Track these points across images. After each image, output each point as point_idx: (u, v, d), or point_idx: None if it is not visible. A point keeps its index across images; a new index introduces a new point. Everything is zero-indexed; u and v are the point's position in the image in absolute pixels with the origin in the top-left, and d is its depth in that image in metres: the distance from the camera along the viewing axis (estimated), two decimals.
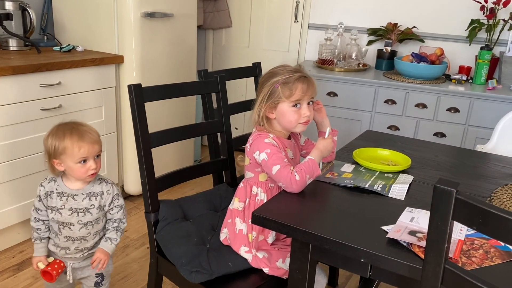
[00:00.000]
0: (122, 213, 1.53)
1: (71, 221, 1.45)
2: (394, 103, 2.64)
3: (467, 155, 1.74)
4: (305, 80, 1.39)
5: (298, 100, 1.38)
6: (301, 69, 1.43)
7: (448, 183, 0.80)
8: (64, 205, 1.44)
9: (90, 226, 1.48)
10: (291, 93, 1.37)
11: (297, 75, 1.39)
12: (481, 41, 2.76)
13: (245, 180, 1.49)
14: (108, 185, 1.50)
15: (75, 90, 2.31)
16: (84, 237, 1.49)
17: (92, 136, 1.40)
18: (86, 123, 1.45)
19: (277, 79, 1.39)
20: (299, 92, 1.37)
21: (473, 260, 1.00)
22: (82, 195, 1.45)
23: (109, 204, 1.49)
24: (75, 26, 2.62)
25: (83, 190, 1.45)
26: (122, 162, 2.69)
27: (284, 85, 1.38)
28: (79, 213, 1.45)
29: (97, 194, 1.47)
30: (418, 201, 1.28)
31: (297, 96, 1.38)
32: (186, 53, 2.85)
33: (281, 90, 1.38)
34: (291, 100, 1.38)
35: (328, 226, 1.15)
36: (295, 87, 1.37)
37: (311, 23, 3.26)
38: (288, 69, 1.41)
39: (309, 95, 1.40)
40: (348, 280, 2.15)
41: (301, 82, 1.38)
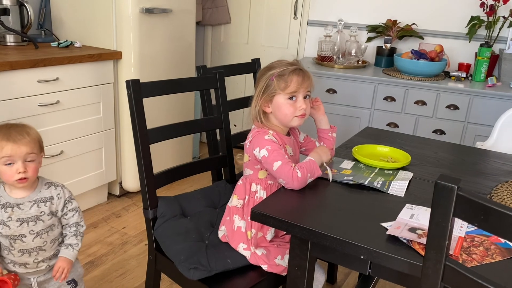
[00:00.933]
0: (78, 216, 1.44)
1: (21, 232, 1.34)
2: (393, 100, 2.63)
3: (466, 152, 1.73)
4: (300, 73, 1.39)
5: (293, 92, 1.38)
6: (297, 63, 1.43)
7: (449, 179, 0.79)
8: (11, 216, 1.33)
9: (45, 234, 1.38)
10: (286, 85, 1.37)
11: (293, 67, 1.39)
12: (480, 38, 2.75)
13: (244, 177, 1.48)
14: (57, 188, 1.40)
15: (73, 86, 2.29)
16: (41, 247, 1.39)
17: (21, 137, 1.29)
18: (30, 126, 1.36)
19: (272, 72, 1.39)
20: (295, 84, 1.37)
21: (473, 257, 0.99)
22: (29, 203, 1.35)
23: (62, 208, 1.40)
24: (73, 21, 2.60)
25: (29, 198, 1.35)
26: (120, 158, 2.68)
27: (280, 78, 1.38)
28: (29, 223, 1.34)
29: (46, 199, 1.37)
30: (418, 197, 1.28)
31: (293, 88, 1.37)
32: (184, 49, 2.84)
33: (276, 82, 1.38)
34: (287, 92, 1.38)
35: (327, 222, 1.14)
36: (290, 79, 1.37)
37: (310, 19, 3.25)
38: (284, 63, 1.42)
39: (304, 87, 1.39)
40: (346, 277, 2.14)
41: (296, 75, 1.38)
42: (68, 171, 2.38)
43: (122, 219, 2.53)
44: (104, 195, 2.71)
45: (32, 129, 1.36)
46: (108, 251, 2.23)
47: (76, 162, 2.41)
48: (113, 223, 2.48)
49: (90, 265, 2.10)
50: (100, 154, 2.54)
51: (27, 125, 1.36)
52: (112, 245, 2.28)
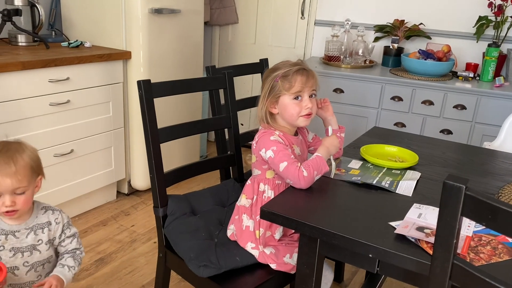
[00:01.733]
0: (77, 242, 1.30)
1: (14, 263, 1.20)
2: (400, 100, 2.63)
3: (474, 152, 1.74)
4: (304, 72, 1.40)
5: (298, 92, 1.39)
6: (302, 63, 1.44)
7: (457, 179, 0.80)
8: (4, 245, 1.19)
9: (40, 267, 1.24)
10: (290, 86, 1.38)
11: (296, 67, 1.40)
12: (488, 38, 2.75)
13: (253, 177, 1.50)
14: (55, 213, 1.27)
15: (83, 86, 2.32)
16: (34, 282, 1.24)
17: (7, 166, 1.12)
18: (24, 148, 1.18)
19: (277, 73, 1.41)
20: (299, 84, 1.38)
21: (481, 256, 1.00)
22: (26, 230, 1.21)
23: (60, 235, 1.26)
24: (83, 22, 2.63)
25: (25, 224, 1.21)
26: (129, 157, 2.71)
27: (284, 78, 1.39)
28: (23, 253, 1.20)
29: (44, 225, 1.24)
30: (425, 197, 1.29)
31: (297, 88, 1.39)
32: (192, 49, 2.86)
33: (281, 83, 1.39)
34: (292, 93, 1.39)
35: (336, 221, 1.15)
36: (295, 79, 1.38)
37: (317, 19, 3.26)
38: (288, 63, 1.43)
39: (309, 86, 1.40)
40: (353, 276, 2.15)
41: (300, 74, 1.39)
42: (78, 169, 2.41)
43: (131, 217, 2.56)
44: (113, 193, 2.74)
45: (25, 152, 1.17)
46: (117, 248, 2.25)
47: (86, 160, 2.44)
48: (122, 221, 2.51)
49: (99, 263, 2.13)
50: (110, 153, 2.57)
51: (20, 145, 1.18)
52: (121, 243, 2.30)
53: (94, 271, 2.06)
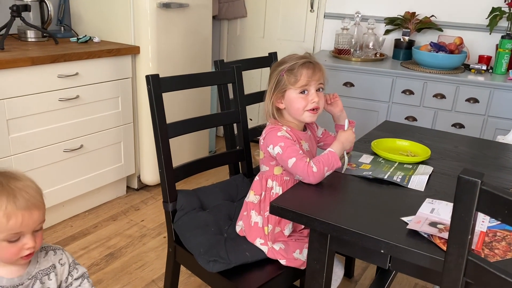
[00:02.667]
0: (88, 283, 1.09)
1: None
2: (412, 93, 2.60)
3: (487, 146, 1.70)
4: (310, 65, 1.37)
5: (304, 86, 1.36)
6: (309, 56, 1.40)
7: (472, 173, 0.78)
8: None
9: None
10: (296, 80, 1.36)
11: (302, 61, 1.37)
12: (502, 30, 2.70)
13: (261, 174, 1.49)
14: (57, 252, 1.05)
15: (92, 81, 2.32)
16: None
17: (29, 197, 0.91)
18: (22, 175, 0.95)
19: (283, 67, 1.38)
20: (305, 78, 1.36)
21: (495, 252, 0.98)
22: (29, 281, 0.99)
23: (66, 278, 1.06)
24: (92, 17, 2.63)
25: (27, 274, 0.99)
26: (139, 152, 2.71)
27: (290, 72, 1.36)
28: None
29: (49, 270, 1.02)
30: (438, 192, 1.27)
31: (303, 81, 1.36)
32: (201, 44, 2.85)
33: (286, 77, 1.37)
34: (297, 87, 1.36)
35: (347, 216, 1.14)
36: (300, 73, 1.35)
37: (327, 12, 3.22)
38: (294, 57, 1.40)
39: (315, 80, 1.37)
40: (364, 271, 2.14)
41: (306, 68, 1.36)
42: (88, 165, 2.42)
43: (140, 212, 2.56)
44: (123, 188, 2.75)
45: (31, 181, 0.96)
46: (127, 243, 2.26)
47: (95, 156, 2.45)
48: (132, 216, 2.52)
49: (109, 257, 2.14)
50: (119, 148, 2.57)
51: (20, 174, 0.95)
52: (131, 238, 2.31)
53: (104, 266, 2.07)
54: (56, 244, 1.24)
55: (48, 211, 2.41)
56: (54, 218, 2.38)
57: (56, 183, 2.28)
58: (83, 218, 2.48)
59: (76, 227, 2.38)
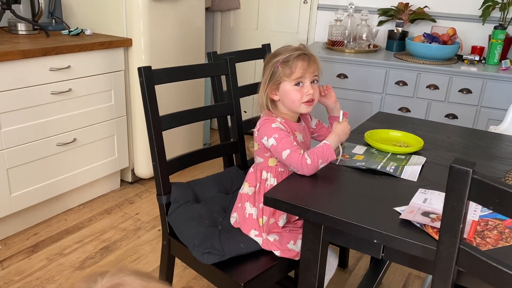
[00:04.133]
0: None
1: None
2: (405, 84, 2.60)
3: (480, 136, 1.71)
4: (305, 58, 1.36)
5: (299, 78, 1.36)
6: (303, 48, 1.40)
7: (464, 163, 0.79)
8: None
9: None
10: (291, 72, 1.36)
11: (297, 53, 1.36)
12: (494, 21, 2.70)
13: (255, 165, 1.49)
14: None
15: (85, 74, 2.31)
16: None
17: None
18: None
19: (277, 59, 1.38)
20: (300, 70, 1.35)
21: (487, 241, 0.99)
22: None
23: None
24: (83, 9, 2.60)
25: None
26: (132, 145, 2.70)
27: (285, 64, 1.36)
28: None
29: None
30: (431, 182, 1.27)
31: (298, 74, 1.36)
32: (194, 36, 2.83)
33: (281, 69, 1.36)
34: (292, 79, 1.36)
35: (340, 207, 1.14)
36: (295, 65, 1.35)
37: (320, 3, 3.21)
38: (289, 48, 1.39)
39: (310, 72, 1.37)
40: (358, 261, 2.15)
41: (301, 60, 1.36)
42: (81, 158, 2.41)
43: (135, 205, 2.56)
44: (117, 181, 2.75)
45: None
46: (122, 236, 2.26)
47: (89, 149, 2.43)
48: (126, 209, 2.52)
49: (104, 251, 2.14)
50: (112, 141, 2.56)
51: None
52: (126, 231, 2.31)
53: (99, 259, 2.07)
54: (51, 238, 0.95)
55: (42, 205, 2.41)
56: (48, 212, 2.37)
57: (50, 177, 2.27)
58: (77, 212, 2.47)
59: (71, 221, 2.37)
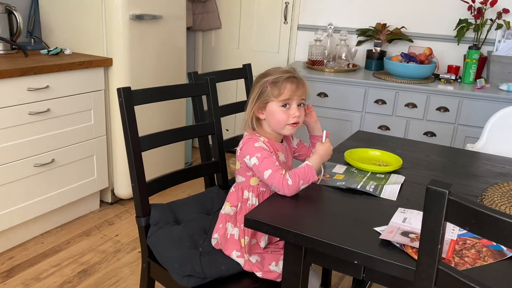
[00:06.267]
0: None
1: None
2: (384, 103, 2.65)
3: (457, 155, 1.74)
4: (294, 81, 1.39)
5: (287, 99, 1.38)
6: (293, 71, 1.43)
7: (440, 184, 0.79)
8: None
9: None
10: (279, 93, 1.38)
11: (287, 75, 1.39)
12: (469, 41, 2.78)
13: (237, 185, 1.48)
14: None
15: (64, 94, 2.28)
16: None
17: None
18: None
19: (267, 79, 1.40)
20: (288, 92, 1.38)
21: (465, 260, 1.00)
22: None
23: None
24: (63, 29, 2.59)
25: None
26: (112, 165, 2.67)
27: (274, 85, 1.38)
28: None
29: None
30: (410, 201, 1.29)
31: (286, 95, 1.38)
32: (175, 55, 2.83)
33: (270, 89, 1.38)
34: (280, 100, 1.38)
35: (320, 228, 1.14)
36: (284, 86, 1.38)
37: (300, 24, 3.26)
38: (279, 70, 1.43)
39: (298, 95, 1.39)
40: (341, 280, 2.15)
41: (290, 82, 1.38)
42: (60, 179, 2.36)
43: (115, 227, 2.51)
44: (96, 202, 2.70)
45: None
46: (101, 259, 2.21)
47: (67, 170, 2.39)
48: (105, 231, 2.47)
49: (82, 274, 2.08)
50: (92, 161, 2.52)
51: None
52: (105, 253, 2.26)
53: (77, 283, 2.02)
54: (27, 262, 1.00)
55: (18, 228, 2.34)
56: (24, 235, 2.30)
57: (27, 199, 2.22)
58: (55, 234, 2.41)
59: (48, 244, 2.31)
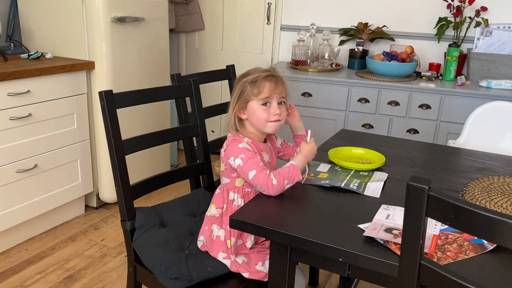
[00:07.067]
0: None
1: None
2: (367, 101, 2.67)
3: (439, 151, 1.77)
4: (273, 79, 1.41)
5: (266, 98, 1.39)
6: (272, 70, 1.45)
7: (420, 180, 0.81)
8: None
9: None
10: (259, 91, 1.39)
11: (266, 74, 1.41)
12: (449, 39, 2.83)
13: (222, 186, 1.48)
14: None
15: (45, 98, 2.25)
16: None
17: None
18: None
19: (246, 78, 1.42)
20: (267, 90, 1.39)
21: (447, 255, 1.02)
22: None
23: None
24: (43, 32, 2.56)
25: None
26: (97, 169, 2.64)
27: (253, 84, 1.40)
28: None
29: None
30: (393, 198, 1.30)
31: (265, 94, 1.39)
32: (159, 57, 2.82)
33: (249, 88, 1.40)
34: (260, 98, 1.39)
35: (306, 227, 1.15)
36: (263, 85, 1.39)
37: (283, 24, 3.27)
38: (258, 70, 1.44)
39: (278, 93, 1.41)
40: (328, 278, 2.16)
41: (269, 81, 1.40)
42: (43, 185, 2.33)
43: (100, 231, 2.49)
44: (81, 207, 2.67)
45: None
46: (87, 264, 2.19)
47: (51, 175, 2.36)
48: (91, 236, 2.44)
49: (68, 280, 2.06)
50: (76, 166, 2.50)
51: None
52: (91, 258, 2.24)
53: None
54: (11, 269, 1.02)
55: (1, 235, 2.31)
56: (8, 242, 2.27)
57: (10, 205, 2.18)
58: (39, 240, 2.38)
59: (32, 250, 2.28)
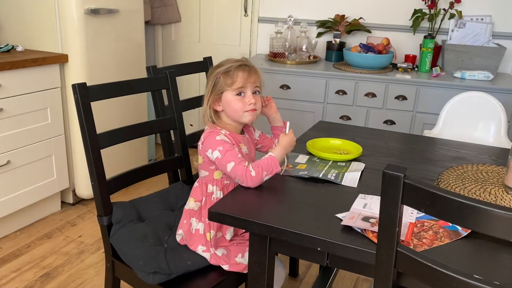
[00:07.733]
0: None
1: None
2: (344, 93, 2.69)
3: (415, 141, 1.80)
4: (246, 68, 1.40)
5: (240, 87, 1.39)
6: (245, 60, 1.44)
7: (396, 168, 0.82)
8: None
9: None
10: (232, 81, 1.38)
11: (238, 63, 1.40)
12: (424, 31, 2.87)
13: (200, 179, 1.47)
14: None
15: (17, 92, 2.19)
16: None
17: None
18: None
19: (219, 70, 1.41)
20: (241, 80, 1.38)
21: (423, 242, 1.03)
22: None
23: None
24: (13, 24, 2.48)
25: None
26: (73, 165, 2.59)
27: (226, 74, 1.39)
28: None
29: None
30: (370, 187, 1.32)
31: (239, 83, 1.38)
32: (134, 50, 2.77)
33: (223, 79, 1.39)
34: (234, 88, 1.39)
35: (284, 217, 1.15)
36: (236, 75, 1.38)
37: (261, 16, 3.26)
38: (231, 60, 1.43)
39: (251, 82, 1.40)
40: (308, 269, 2.18)
41: (241, 70, 1.39)
42: (17, 181, 2.27)
43: (77, 228, 2.45)
44: (57, 204, 2.62)
45: None
46: (64, 261, 2.15)
47: (25, 171, 2.31)
48: (68, 232, 2.40)
49: (45, 278, 2.02)
50: (51, 161, 2.44)
51: None
52: (68, 255, 2.20)
53: (40, 287, 1.96)
54: None
55: None
56: None
57: None
58: (14, 238, 2.32)
59: (7, 249, 2.22)
